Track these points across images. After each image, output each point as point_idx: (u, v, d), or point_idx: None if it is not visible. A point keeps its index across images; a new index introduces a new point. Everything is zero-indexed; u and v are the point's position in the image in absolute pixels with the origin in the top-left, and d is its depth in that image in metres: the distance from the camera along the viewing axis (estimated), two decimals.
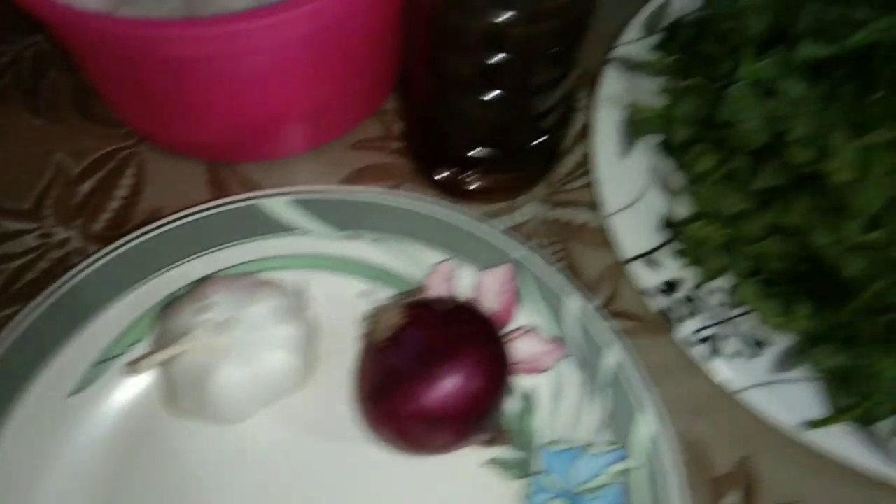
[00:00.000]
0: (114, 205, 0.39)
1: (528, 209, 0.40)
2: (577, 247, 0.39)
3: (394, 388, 0.28)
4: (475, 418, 0.28)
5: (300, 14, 0.30)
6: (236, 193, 0.38)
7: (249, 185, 0.40)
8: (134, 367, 0.29)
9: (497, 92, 0.32)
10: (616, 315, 0.36)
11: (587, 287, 0.37)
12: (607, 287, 0.37)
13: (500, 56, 0.30)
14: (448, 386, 0.27)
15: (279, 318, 0.30)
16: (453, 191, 0.39)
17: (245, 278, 0.32)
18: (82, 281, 0.32)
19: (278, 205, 0.35)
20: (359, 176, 0.40)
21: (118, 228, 0.38)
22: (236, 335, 0.29)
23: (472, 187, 0.38)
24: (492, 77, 0.31)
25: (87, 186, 0.40)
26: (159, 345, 0.30)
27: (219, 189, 0.40)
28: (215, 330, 0.29)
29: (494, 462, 0.31)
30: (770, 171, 0.34)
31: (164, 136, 0.39)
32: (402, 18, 0.35)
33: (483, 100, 0.32)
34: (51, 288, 0.32)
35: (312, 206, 0.35)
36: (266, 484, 0.31)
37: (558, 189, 0.40)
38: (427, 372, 0.27)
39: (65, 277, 0.33)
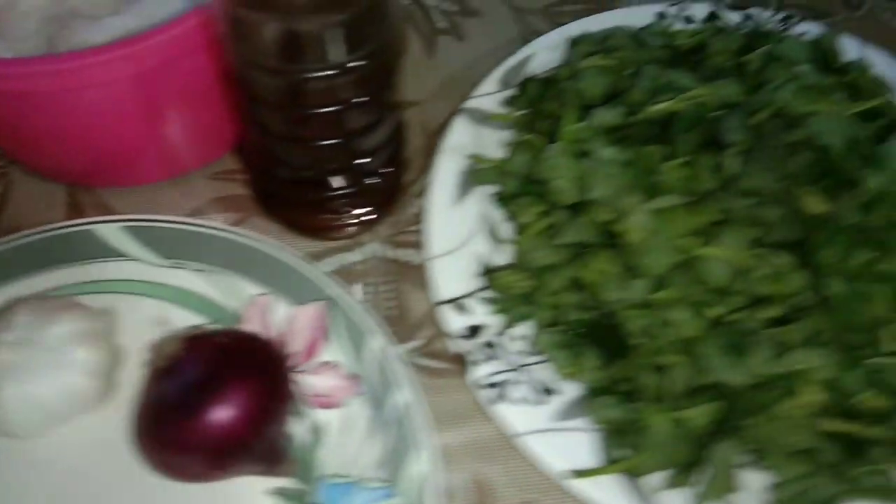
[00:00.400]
0: None
1: (370, 248, 0.41)
2: (408, 287, 0.40)
3: (157, 417, 0.29)
4: (234, 449, 0.29)
5: (119, 56, 0.32)
6: (90, 216, 0.40)
7: (104, 210, 0.42)
8: None
9: (312, 140, 0.34)
10: (432, 355, 0.38)
11: (413, 326, 0.39)
12: (430, 328, 0.39)
13: (306, 109, 0.32)
14: (207, 417, 0.29)
15: (77, 341, 0.32)
16: (296, 226, 0.40)
17: (57, 300, 0.34)
18: None
19: (110, 231, 0.37)
20: (211, 206, 0.42)
21: None
22: (29, 355, 0.31)
23: (313, 224, 0.40)
24: (303, 126, 0.33)
25: None
26: None
27: (75, 212, 0.42)
28: (7, 349, 0.31)
29: (278, 492, 0.33)
30: (576, 228, 0.36)
31: (25, 159, 0.42)
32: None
33: (299, 147, 0.34)
34: None
35: (141, 234, 0.37)
36: (54, 497, 0.32)
37: (401, 230, 0.42)
38: (189, 402, 0.29)
39: None
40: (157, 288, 0.36)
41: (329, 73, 0.30)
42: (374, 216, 0.41)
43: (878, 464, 0.30)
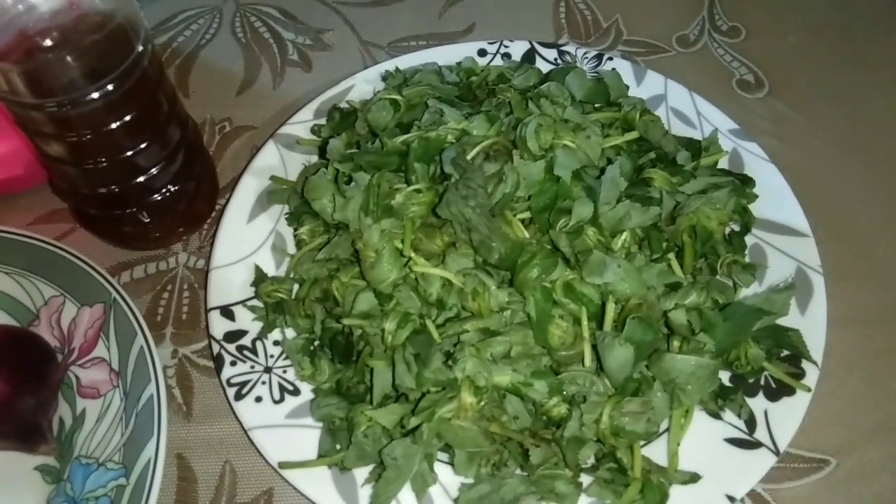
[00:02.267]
0: None
1: (179, 258, 0.46)
2: (203, 294, 0.44)
3: None
4: None
5: None
6: None
7: None
8: None
9: (87, 161, 0.39)
10: (209, 356, 0.42)
11: (202, 330, 0.43)
12: None
13: (73, 135, 0.37)
14: None
15: None
16: (109, 238, 0.45)
17: None
18: None
19: None
20: (49, 217, 0.47)
21: None
22: None
23: (121, 235, 0.45)
24: (77, 150, 0.38)
25: None
26: None
27: None
28: None
29: (41, 468, 0.37)
30: (334, 244, 0.40)
31: None
32: None
33: (80, 169, 0.39)
34: None
35: None
36: None
37: (209, 242, 0.46)
38: None
39: None
40: None
41: (82, 102, 0.35)
42: (183, 229, 0.45)
43: (548, 466, 0.33)
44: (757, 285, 0.40)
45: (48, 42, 0.34)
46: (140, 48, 0.36)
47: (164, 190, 0.42)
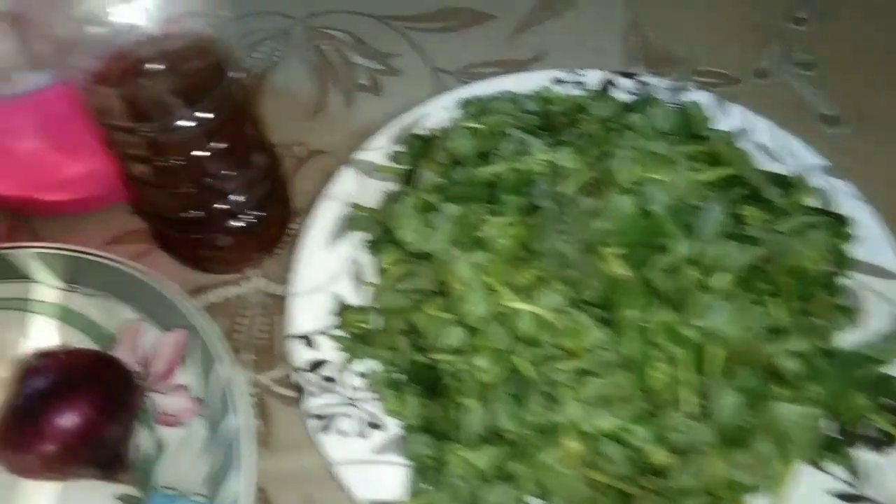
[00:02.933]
0: None
1: (255, 282, 0.45)
2: (281, 320, 0.44)
3: (7, 421, 0.34)
4: (68, 454, 0.33)
5: (25, 105, 0.38)
6: (23, 240, 0.46)
7: (33, 236, 0.47)
8: None
9: (178, 186, 0.39)
10: (289, 385, 0.41)
11: (278, 357, 0.42)
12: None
13: (165, 160, 0.37)
14: (45, 424, 0.33)
15: None
16: (187, 260, 0.45)
17: None
18: None
19: (22, 256, 0.42)
20: (124, 238, 0.47)
21: None
22: None
23: (200, 258, 0.45)
24: (167, 175, 0.38)
25: None
26: None
27: (10, 237, 0.48)
28: None
29: (122, 497, 0.37)
30: (418, 276, 0.39)
31: None
32: None
33: (169, 193, 0.39)
34: None
35: (47, 260, 0.42)
36: None
37: (286, 267, 0.46)
38: (33, 410, 0.33)
39: None
40: (48, 307, 0.41)
41: (176, 128, 0.35)
42: (257, 253, 0.45)
43: None
44: (851, 329, 0.39)
45: (149, 67, 0.34)
46: (234, 74, 0.36)
47: (247, 215, 0.42)
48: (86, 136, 0.42)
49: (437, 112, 0.50)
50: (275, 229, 0.45)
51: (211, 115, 0.35)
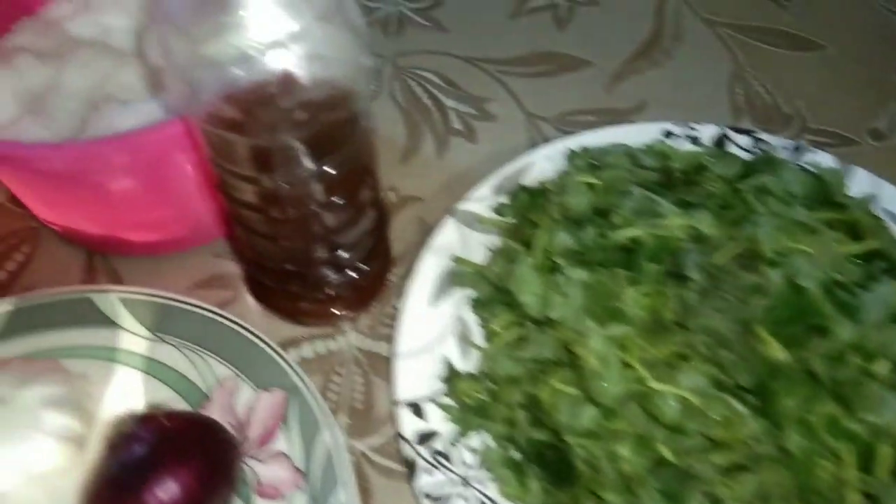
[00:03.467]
0: (1, 276, 0.45)
1: (349, 337, 0.43)
2: (378, 381, 0.41)
3: (102, 491, 0.31)
4: None
5: (123, 145, 0.36)
6: (101, 282, 0.44)
7: (113, 277, 0.45)
8: None
9: (289, 238, 0.36)
10: (389, 455, 0.38)
11: (376, 422, 0.39)
12: (391, 426, 0.39)
13: (282, 211, 0.34)
14: (144, 496, 0.30)
15: (50, 404, 0.34)
16: (279, 311, 0.42)
17: (41, 363, 0.36)
18: None
19: (107, 301, 0.40)
20: (208, 282, 0.45)
21: None
22: (1, 414, 0.33)
23: (295, 310, 0.42)
24: (280, 226, 0.35)
25: None
26: None
27: (89, 276, 0.45)
28: None
29: None
30: (539, 343, 0.36)
31: (53, 225, 0.46)
32: None
33: (278, 244, 0.36)
34: None
35: (133, 306, 0.40)
36: None
37: (381, 322, 0.43)
38: (130, 480, 0.30)
39: None
40: (136, 358, 0.39)
41: (300, 181, 0.32)
42: (356, 307, 0.42)
43: None
44: None
45: (289, 117, 0.31)
46: (365, 125, 0.34)
47: (351, 269, 0.39)
48: (180, 178, 0.40)
49: (541, 162, 0.47)
50: (376, 283, 0.43)
51: (338, 170, 0.33)
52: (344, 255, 0.38)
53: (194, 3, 0.25)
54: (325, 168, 0.33)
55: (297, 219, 0.35)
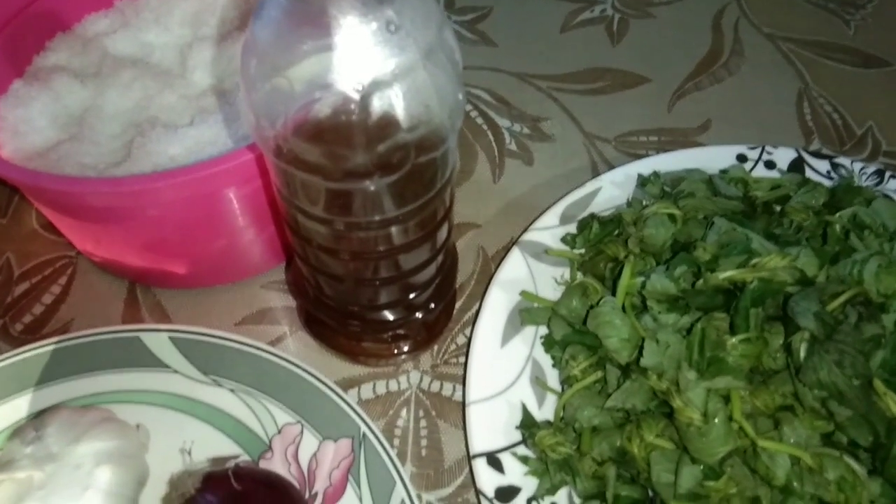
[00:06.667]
0: (38, 309, 0.43)
1: (411, 377, 0.40)
2: (445, 426, 0.38)
3: None
4: None
5: (180, 181, 0.33)
6: (144, 316, 0.41)
7: (157, 311, 0.42)
8: None
9: (359, 278, 0.33)
10: None
11: (446, 470, 0.37)
12: (461, 475, 0.36)
13: (354, 252, 0.32)
14: None
15: (103, 460, 0.31)
16: (337, 350, 0.40)
17: (91, 413, 0.34)
18: None
19: (157, 340, 0.37)
20: (259, 316, 0.42)
21: (33, 333, 0.42)
22: (53, 471, 0.31)
23: (355, 350, 0.39)
24: (351, 266, 0.33)
25: (21, 287, 0.44)
26: None
27: (130, 308, 0.42)
28: (34, 463, 0.31)
29: None
30: (628, 392, 0.34)
31: (91, 254, 0.43)
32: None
33: (346, 284, 0.34)
34: None
35: (185, 346, 0.37)
36: None
37: (446, 360, 0.40)
38: None
39: None
40: (191, 404, 0.36)
41: (376, 224, 0.30)
42: (421, 346, 0.40)
43: None
44: None
45: (379, 161, 0.27)
46: (453, 165, 0.31)
47: (425, 308, 0.37)
48: (232, 211, 0.37)
49: (609, 188, 0.44)
50: (441, 320, 0.40)
51: (421, 213, 0.30)
52: (414, 296, 0.35)
53: (290, 35, 0.23)
54: (408, 210, 0.30)
55: (370, 259, 0.32)
